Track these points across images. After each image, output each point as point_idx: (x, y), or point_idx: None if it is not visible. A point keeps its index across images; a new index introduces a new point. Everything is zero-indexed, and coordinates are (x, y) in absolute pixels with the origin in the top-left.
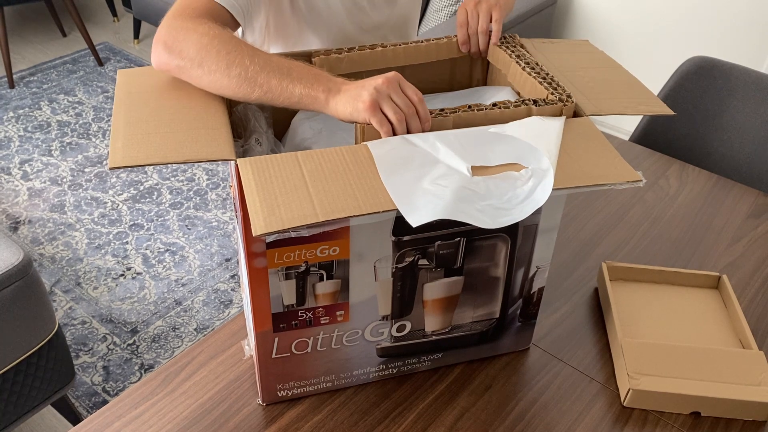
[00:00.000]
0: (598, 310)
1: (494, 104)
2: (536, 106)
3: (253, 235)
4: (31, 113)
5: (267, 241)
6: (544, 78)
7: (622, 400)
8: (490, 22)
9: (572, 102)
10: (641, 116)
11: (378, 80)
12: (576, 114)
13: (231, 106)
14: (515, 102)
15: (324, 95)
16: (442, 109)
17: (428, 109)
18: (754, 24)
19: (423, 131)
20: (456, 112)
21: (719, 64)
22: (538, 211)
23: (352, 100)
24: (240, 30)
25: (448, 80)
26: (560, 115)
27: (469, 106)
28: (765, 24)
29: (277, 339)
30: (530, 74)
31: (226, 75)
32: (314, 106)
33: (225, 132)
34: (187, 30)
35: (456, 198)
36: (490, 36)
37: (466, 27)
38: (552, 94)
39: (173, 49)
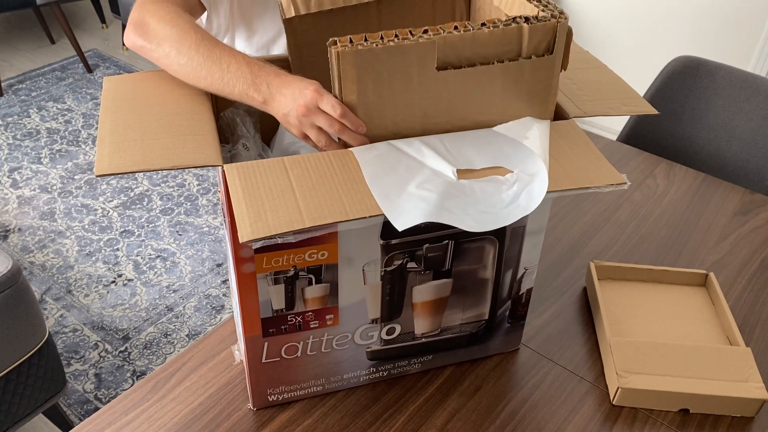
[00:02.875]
0: (587, 310)
1: (483, 24)
2: (528, 23)
3: (240, 242)
4: (19, 121)
5: (254, 246)
6: None
7: (611, 399)
8: None
9: (566, 18)
10: (628, 116)
11: (299, 107)
12: (560, 116)
13: (218, 111)
14: (505, 21)
15: (260, 98)
16: (425, 31)
17: (431, 34)
18: (739, 23)
19: (359, 135)
20: (440, 33)
21: (705, 64)
22: None
23: (283, 118)
24: (206, 14)
25: (429, 10)
26: (554, 33)
27: (456, 27)
28: (750, 23)
29: (266, 344)
30: None
31: (176, 62)
32: (254, 105)
33: (212, 138)
34: (151, 13)
35: (442, 201)
36: None
37: None
38: (543, 11)
39: (138, 30)
